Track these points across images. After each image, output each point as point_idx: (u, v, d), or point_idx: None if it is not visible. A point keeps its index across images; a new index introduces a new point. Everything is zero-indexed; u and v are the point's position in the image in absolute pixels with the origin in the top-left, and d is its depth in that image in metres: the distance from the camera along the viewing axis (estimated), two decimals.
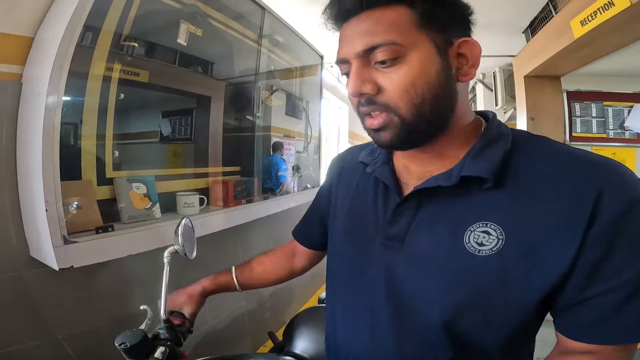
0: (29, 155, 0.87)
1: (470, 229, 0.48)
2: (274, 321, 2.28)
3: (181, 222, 0.77)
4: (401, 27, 0.46)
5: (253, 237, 1.95)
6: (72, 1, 0.90)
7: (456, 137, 0.53)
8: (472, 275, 0.47)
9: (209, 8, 1.43)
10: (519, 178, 0.47)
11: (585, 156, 0.47)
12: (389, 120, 0.49)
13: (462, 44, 0.50)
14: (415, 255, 0.52)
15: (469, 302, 0.48)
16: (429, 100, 0.48)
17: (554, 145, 0.50)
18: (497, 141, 0.51)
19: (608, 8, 1.45)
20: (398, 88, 0.47)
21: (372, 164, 0.62)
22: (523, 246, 0.45)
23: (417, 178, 0.55)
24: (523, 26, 2.40)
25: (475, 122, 0.55)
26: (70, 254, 0.88)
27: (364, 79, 0.49)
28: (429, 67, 0.47)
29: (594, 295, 0.44)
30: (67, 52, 0.88)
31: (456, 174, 0.49)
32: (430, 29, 0.47)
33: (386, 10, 0.47)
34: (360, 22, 0.49)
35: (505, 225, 0.46)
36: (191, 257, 0.79)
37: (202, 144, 1.50)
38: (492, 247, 0.46)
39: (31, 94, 0.90)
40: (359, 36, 0.48)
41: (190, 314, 0.82)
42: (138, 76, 1.17)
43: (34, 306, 0.97)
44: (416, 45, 0.47)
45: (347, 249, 0.63)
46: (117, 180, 1.07)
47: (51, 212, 0.83)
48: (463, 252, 0.47)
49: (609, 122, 2.33)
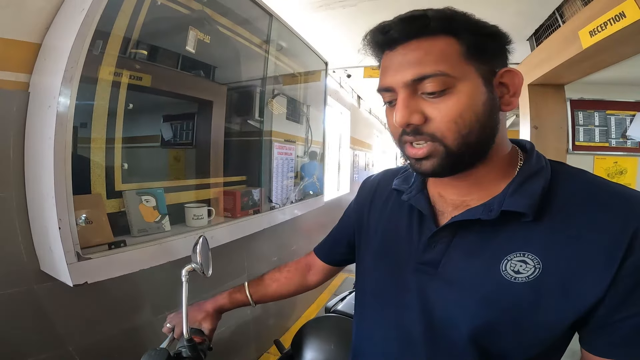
0: (40, 170, 0.84)
1: (507, 258, 0.49)
2: (278, 328, 2.27)
3: (199, 241, 0.77)
4: (449, 58, 0.47)
5: (257, 246, 1.94)
6: (82, 7, 0.87)
7: (494, 167, 0.54)
8: (505, 299, 0.48)
9: (217, 14, 1.41)
10: (558, 213, 0.48)
11: (623, 192, 0.48)
12: (434, 149, 0.50)
13: (504, 74, 0.51)
14: (450, 279, 0.53)
15: (499, 324, 0.49)
16: (477, 131, 0.49)
17: (593, 180, 0.51)
18: (537, 175, 0.52)
19: (619, 19, 1.45)
20: (447, 119, 0.48)
21: (407, 191, 0.63)
22: (559, 277, 0.46)
23: (453, 207, 0.57)
24: (527, 34, 2.41)
25: (512, 152, 0.56)
26: (84, 270, 0.86)
27: (412, 109, 0.49)
28: (476, 98, 0.48)
29: (626, 317, 0.44)
30: (78, 62, 0.85)
31: (497, 208, 0.50)
32: (476, 60, 0.49)
33: (434, 40, 0.48)
34: (409, 51, 0.49)
35: (543, 256, 0.47)
36: (208, 275, 0.80)
37: (212, 153, 1.47)
38: (528, 274, 0.47)
39: (40, 105, 0.87)
40: (407, 66, 0.49)
41: (209, 331, 0.82)
42: (141, 80, 1.14)
43: (44, 319, 0.96)
44: (464, 77, 0.48)
45: (379, 271, 0.65)
46: (127, 194, 1.05)
47: (64, 230, 0.81)
48: (498, 279, 0.49)
49: (611, 130, 2.33)
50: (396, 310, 0.60)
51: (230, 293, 0.88)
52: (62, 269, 0.84)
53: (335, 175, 3.96)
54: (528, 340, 0.49)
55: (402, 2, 2.06)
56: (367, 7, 2.05)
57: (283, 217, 1.93)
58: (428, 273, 0.56)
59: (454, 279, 0.53)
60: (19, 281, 0.91)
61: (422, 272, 0.56)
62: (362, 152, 5.34)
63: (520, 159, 0.56)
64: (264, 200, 1.73)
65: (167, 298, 1.25)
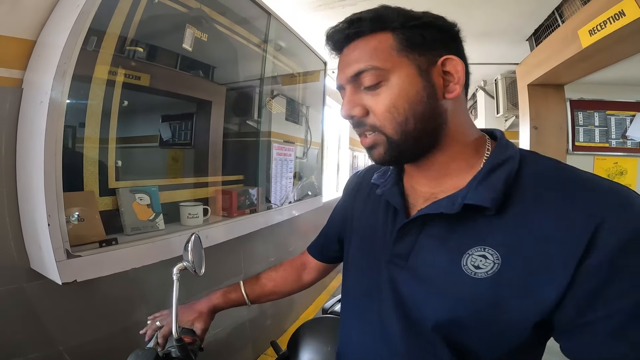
0: (30, 166, 0.83)
1: (469, 252, 0.49)
2: (275, 329, 2.25)
3: (191, 238, 0.76)
4: (381, 53, 0.52)
5: (255, 246, 1.92)
6: (77, 4, 0.87)
7: (457, 155, 0.55)
8: (465, 294, 0.49)
9: (215, 12, 1.41)
10: (521, 206, 0.48)
11: (591, 183, 0.47)
12: (377, 138, 0.54)
13: (445, 62, 0.53)
14: (417, 272, 0.55)
15: (462, 318, 0.49)
16: (413, 119, 0.51)
17: (563, 170, 0.50)
18: (503, 166, 0.51)
19: (618, 18, 1.44)
20: (382, 109, 0.52)
21: (382, 185, 0.66)
22: (518, 274, 0.46)
23: (423, 199, 0.59)
24: (527, 34, 2.40)
25: (478, 140, 0.57)
26: (73, 268, 0.84)
27: (354, 103, 0.54)
28: (409, 88, 0.51)
29: (590, 321, 0.43)
30: (71, 58, 0.84)
31: (459, 202, 0.50)
32: (411, 52, 0.52)
33: (369, 39, 0.53)
34: (350, 51, 0.55)
35: (502, 251, 0.47)
36: (200, 274, 0.79)
37: (211, 152, 1.47)
38: (487, 270, 0.48)
39: (32, 101, 0.86)
40: (348, 64, 0.54)
41: (201, 331, 0.81)
42: (139, 80, 1.13)
43: (34, 318, 0.94)
44: (396, 69, 0.51)
45: (360, 265, 0.67)
46: (121, 192, 1.04)
47: (54, 226, 0.79)
48: (460, 274, 0.49)
49: (611, 131, 2.32)
50: (374, 303, 0.61)
51: (224, 292, 0.87)
52: (51, 267, 0.83)
53: (334, 176, 3.95)
54: (493, 337, 0.49)
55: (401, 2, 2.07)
56: (366, 7, 2.04)
57: (280, 217, 1.92)
58: (399, 265, 0.57)
59: (420, 271, 0.54)
60: (8, 279, 0.89)
61: (393, 264, 0.58)
62: (361, 153, 5.32)
63: (488, 148, 0.56)
64: (261, 199, 1.71)
65: (160, 297, 1.24)
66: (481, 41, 2.56)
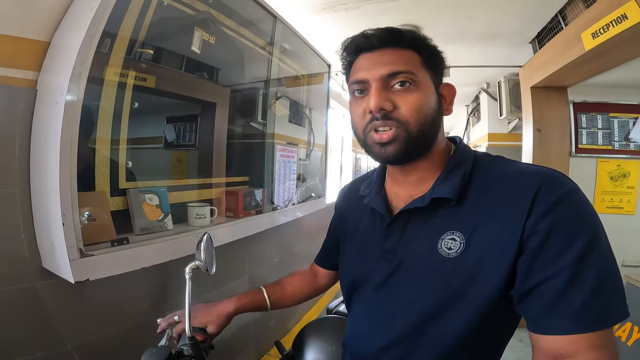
0: (45, 166, 0.85)
1: (442, 237, 0.60)
2: (279, 329, 2.26)
3: (203, 238, 0.77)
4: (414, 63, 0.62)
5: (259, 247, 1.93)
6: (91, 6, 0.88)
7: (433, 161, 0.66)
8: (443, 272, 0.58)
9: (222, 15, 1.42)
10: (477, 195, 0.59)
11: (530, 169, 0.58)
12: (398, 134, 0.60)
13: (444, 87, 0.66)
14: (405, 262, 0.64)
15: (443, 296, 0.58)
16: (430, 123, 0.61)
17: (507, 165, 0.62)
18: (460, 165, 0.64)
19: (621, 21, 1.45)
20: (411, 108, 0.60)
21: (367, 195, 0.75)
22: (479, 249, 0.56)
23: (403, 201, 0.67)
24: (530, 36, 2.41)
25: (446, 147, 0.69)
26: (86, 267, 0.86)
27: (384, 97, 0.60)
28: (431, 97, 0.62)
29: (536, 283, 0.50)
30: (86, 60, 0.86)
31: (428, 197, 0.62)
32: (430, 71, 0.63)
33: (403, 51, 0.62)
34: (385, 54, 0.62)
35: (465, 232, 0.58)
36: (211, 273, 0.80)
37: (215, 154, 1.48)
38: (457, 249, 0.58)
39: (47, 102, 0.87)
40: (383, 64, 0.61)
41: (214, 333, 0.82)
42: (145, 81, 1.15)
43: (44, 316, 0.95)
44: (424, 79, 0.62)
45: (355, 264, 0.75)
46: (131, 192, 1.05)
47: (68, 226, 0.81)
48: (437, 256, 0.59)
49: (614, 133, 2.32)
50: (368, 293, 0.70)
51: (244, 295, 0.87)
52: (64, 266, 0.84)
53: (337, 178, 3.96)
54: (467, 309, 0.56)
55: (405, 4, 2.09)
56: (370, 10, 2.06)
57: (285, 219, 1.93)
58: (388, 259, 0.66)
59: (407, 262, 0.64)
60: (20, 278, 0.90)
61: (384, 259, 0.67)
62: (364, 155, 5.33)
63: (451, 153, 0.68)
64: (266, 201, 1.73)
65: (169, 296, 1.25)
66: (484, 43, 2.57)
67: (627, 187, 2.30)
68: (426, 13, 2.12)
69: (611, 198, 2.30)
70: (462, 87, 3.65)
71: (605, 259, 0.49)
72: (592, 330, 0.46)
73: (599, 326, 0.46)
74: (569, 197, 0.51)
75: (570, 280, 0.47)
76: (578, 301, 0.46)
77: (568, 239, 0.48)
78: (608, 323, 0.47)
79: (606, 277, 0.47)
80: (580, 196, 0.52)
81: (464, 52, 2.72)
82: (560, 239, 0.49)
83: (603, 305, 0.47)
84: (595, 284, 0.46)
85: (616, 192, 2.30)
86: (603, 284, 0.47)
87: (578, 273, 0.47)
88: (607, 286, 0.47)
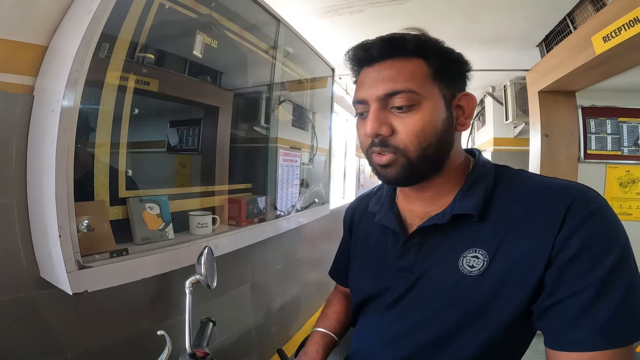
0: (41, 176, 0.82)
1: (463, 254, 0.57)
2: (281, 336, 2.23)
3: (204, 252, 0.76)
4: (418, 78, 0.55)
5: (262, 254, 1.91)
6: (89, 9, 0.86)
7: (450, 177, 0.62)
8: (464, 291, 0.56)
9: (224, 19, 1.40)
10: (501, 211, 0.56)
11: (560, 184, 0.55)
12: (396, 159, 0.57)
13: (462, 97, 0.59)
14: (423, 280, 0.61)
15: (463, 314, 0.55)
16: (434, 146, 0.56)
17: (532, 179, 0.59)
18: (481, 180, 0.60)
19: (633, 25, 1.42)
20: (411, 132, 0.55)
21: (378, 212, 0.72)
22: (504, 267, 0.53)
23: (419, 218, 0.65)
24: (537, 40, 2.37)
25: (464, 161, 0.65)
26: (84, 278, 0.83)
27: (381, 121, 0.56)
28: (437, 116, 0.56)
29: (561, 299, 0.48)
30: (83, 65, 0.83)
31: (449, 213, 0.58)
32: (440, 82, 0.56)
33: (407, 61, 0.56)
34: (384, 68, 0.56)
35: (489, 250, 0.55)
36: (212, 287, 0.79)
37: (218, 159, 1.46)
38: (480, 267, 0.55)
39: (44, 109, 0.85)
40: (381, 81, 0.56)
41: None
42: (148, 85, 1.12)
43: (43, 326, 0.93)
44: (429, 96, 0.55)
45: (367, 282, 0.72)
46: (131, 201, 1.02)
47: (65, 237, 0.78)
48: (458, 274, 0.56)
49: (623, 139, 2.28)
50: (382, 315, 0.66)
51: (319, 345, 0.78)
52: (61, 277, 0.81)
53: (340, 183, 3.93)
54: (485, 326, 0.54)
55: (410, 8, 2.06)
56: (375, 14, 2.04)
57: (288, 226, 1.90)
58: (404, 278, 0.63)
59: (425, 280, 0.61)
60: (18, 287, 0.88)
61: (400, 278, 0.64)
62: None
63: (470, 167, 0.64)
64: (269, 208, 1.70)
65: (170, 306, 1.22)
66: (490, 47, 2.54)
67: (636, 194, 2.26)
68: (431, 16, 2.09)
69: (620, 204, 2.25)
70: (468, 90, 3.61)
71: (632, 276, 0.48)
72: (612, 348, 0.45)
73: (619, 344, 0.45)
74: (600, 213, 0.49)
75: (596, 297, 0.46)
76: (601, 318, 0.45)
77: (598, 255, 0.47)
78: (629, 341, 0.45)
79: (633, 294, 0.46)
80: (611, 212, 0.51)
81: (470, 55, 2.60)
82: (591, 255, 0.47)
83: (626, 323, 0.45)
84: (620, 301, 0.45)
85: (625, 199, 2.25)
86: (629, 302, 0.46)
87: (604, 290, 0.46)
88: (632, 303, 0.46)
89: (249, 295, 1.79)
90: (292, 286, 2.35)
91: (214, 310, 1.47)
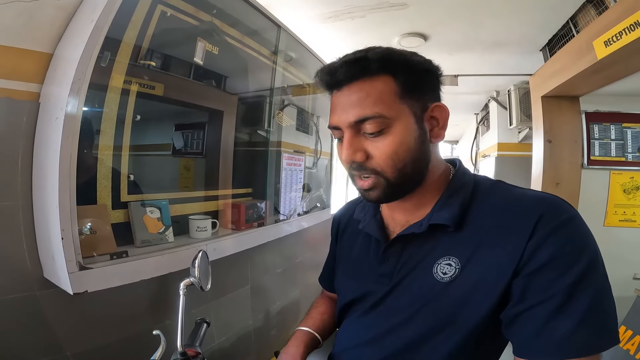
0: (45, 181, 0.85)
1: (438, 262, 0.59)
2: (279, 339, 2.23)
3: (198, 255, 0.79)
4: (387, 99, 0.55)
5: (262, 257, 1.92)
6: (91, 18, 0.88)
7: (429, 188, 0.64)
8: (437, 297, 0.57)
9: (226, 25, 1.43)
10: (476, 221, 0.58)
11: (533, 195, 0.56)
12: (377, 181, 0.59)
13: (434, 108, 0.60)
14: (400, 286, 0.63)
15: (435, 320, 0.57)
16: (410, 164, 0.58)
17: (508, 190, 0.60)
18: (459, 191, 0.62)
19: (634, 29, 1.41)
20: (385, 156, 0.57)
21: (362, 220, 0.74)
22: (475, 275, 0.55)
23: (400, 226, 0.66)
24: (541, 44, 2.36)
25: (445, 171, 0.67)
26: (84, 279, 0.86)
27: (356, 148, 0.58)
28: (408, 135, 0.57)
29: (528, 307, 0.49)
30: (86, 74, 0.86)
31: (426, 223, 0.60)
32: (410, 98, 0.57)
33: (374, 80, 0.55)
34: (352, 92, 0.56)
35: (462, 258, 0.57)
36: (206, 289, 0.82)
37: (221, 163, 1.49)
38: (451, 274, 0.57)
39: (49, 116, 0.88)
40: (350, 107, 0.56)
41: None
42: (153, 89, 1.15)
43: (45, 324, 0.95)
44: (398, 117, 0.56)
45: (350, 287, 0.73)
46: (132, 205, 1.05)
47: (67, 240, 0.82)
48: (432, 280, 0.58)
49: (627, 144, 2.25)
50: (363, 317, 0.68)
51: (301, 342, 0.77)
52: (63, 277, 0.85)
53: (343, 187, 3.93)
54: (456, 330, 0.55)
55: (411, 13, 2.07)
56: (375, 19, 2.05)
57: (289, 230, 1.91)
58: (384, 283, 0.65)
59: (403, 286, 0.62)
60: (21, 287, 0.91)
61: (380, 283, 0.66)
62: None
63: (450, 177, 0.66)
64: (269, 212, 1.72)
65: (168, 306, 1.24)
66: (493, 51, 2.53)
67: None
68: (433, 21, 2.10)
69: (624, 211, 2.22)
70: (471, 95, 3.60)
71: (600, 287, 0.48)
72: (574, 357, 0.45)
73: (581, 354, 0.45)
74: (570, 224, 0.50)
75: (561, 305, 0.47)
76: (567, 327, 0.46)
77: (566, 265, 0.48)
78: (592, 351, 0.46)
79: (599, 304, 0.47)
80: (581, 223, 0.52)
81: (473, 60, 2.68)
82: (558, 264, 0.48)
83: (592, 333, 0.46)
84: (586, 310, 0.46)
85: (629, 205, 2.22)
86: (594, 312, 0.46)
87: (570, 299, 0.46)
88: (598, 314, 0.47)
89: (249, 298, 1.81)
90: (291, 289, 2.36)
91: (213, 313, 1.49)
